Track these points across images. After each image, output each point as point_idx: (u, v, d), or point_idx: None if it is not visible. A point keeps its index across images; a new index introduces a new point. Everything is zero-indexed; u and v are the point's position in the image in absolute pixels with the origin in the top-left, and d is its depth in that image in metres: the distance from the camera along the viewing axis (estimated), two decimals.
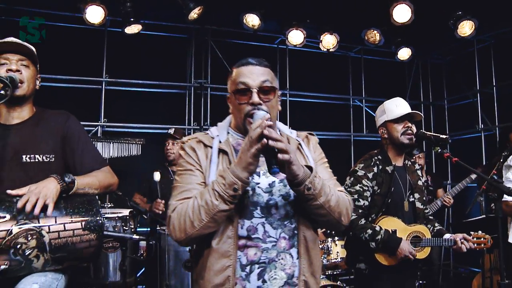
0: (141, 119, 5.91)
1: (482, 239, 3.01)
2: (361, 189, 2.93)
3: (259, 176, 1.83)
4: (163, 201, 4.15)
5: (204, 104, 6.21)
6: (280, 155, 1.58)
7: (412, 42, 6.42)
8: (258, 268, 1.77)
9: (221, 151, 1.84)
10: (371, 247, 2.84)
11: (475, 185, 5.43)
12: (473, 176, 5.08)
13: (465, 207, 5.55)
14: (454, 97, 7.36)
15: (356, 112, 7.17)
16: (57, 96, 5.38)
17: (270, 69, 1.89)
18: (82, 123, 2.47)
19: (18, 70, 2.21)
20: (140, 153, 5.22)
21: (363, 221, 2.88)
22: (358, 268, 3.00)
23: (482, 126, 6.61)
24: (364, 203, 2.92)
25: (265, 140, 1.58)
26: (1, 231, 1.83)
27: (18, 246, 1.86)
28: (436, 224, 3.11)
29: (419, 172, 3.14)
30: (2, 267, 1.82)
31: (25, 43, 2.28)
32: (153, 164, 4.74)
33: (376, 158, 3.02)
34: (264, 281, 1.77)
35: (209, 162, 1.82)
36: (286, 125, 2.06)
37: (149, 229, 3.81)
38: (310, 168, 1.73)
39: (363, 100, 7.15)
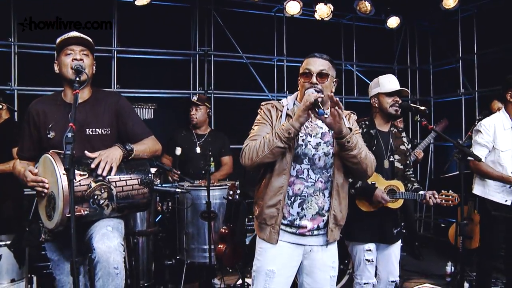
0: (150, 85, 6.15)
1: (450, 197, 3.38)
2: None
3: (311, 136, 2.57)
4: (179, 172, 4.46)
5: (208, 70, 6.46)
6: (321, 95, 2.43)
7: (401, 10, 6.76)
8: (300, 199, 2.55)
9: (288, 115, 2.58)
10: (351, 193, 3.33)
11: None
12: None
13: (444, 164, 6.16)
14: (439, 62, 7.69)
15: (348, 76, 7.47)
16: None
17: (329, 61, 2.59)
18: None
19: (81, 59, 2.62)
20: (152, 116, 5.68)
21: None
22: None
23: (463, 91, 6.96)
24: None
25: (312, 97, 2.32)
26: (84, 185, 2.37)
27: (95, 197, 2.40)
28: (416, 184, 3.56)
29: (404, 139, 3.59)
30: (86, 212, 2.37)
31: (85, 36, 2.69)
32: (165, 126, 5.14)
33: (363, 123, 3.55)
34: (302, 209, 2.55)
35: (279, 121, 2.58)
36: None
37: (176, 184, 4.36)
38: (350, 129, 2.43)
39: (354, 65, 7.45)
